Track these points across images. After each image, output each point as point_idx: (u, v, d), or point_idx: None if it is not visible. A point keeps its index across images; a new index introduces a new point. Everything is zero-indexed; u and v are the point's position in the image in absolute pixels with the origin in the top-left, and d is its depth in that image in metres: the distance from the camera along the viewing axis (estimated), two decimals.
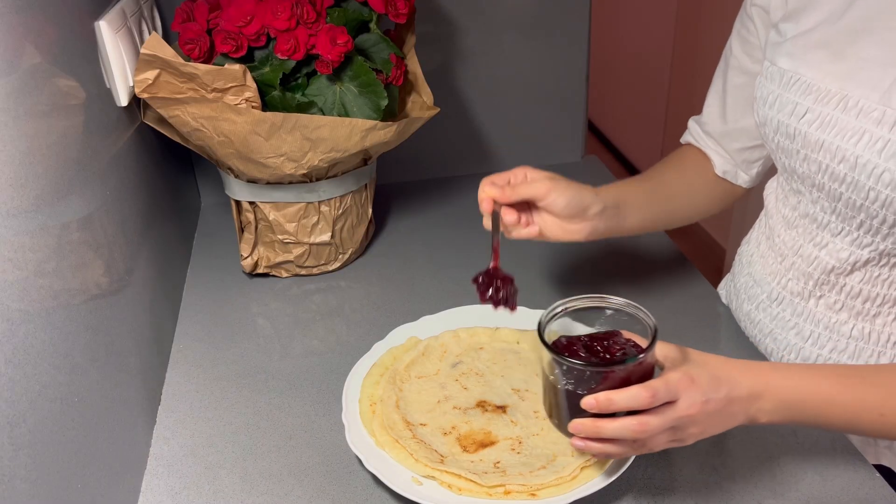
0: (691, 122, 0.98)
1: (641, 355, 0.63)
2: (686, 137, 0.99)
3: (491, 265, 0.78)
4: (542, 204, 0.80)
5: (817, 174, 0.74)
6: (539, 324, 0.68)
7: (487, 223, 0.80)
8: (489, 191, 0.80)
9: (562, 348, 0.66)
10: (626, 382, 0.62)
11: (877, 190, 0.69)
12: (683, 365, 0.63)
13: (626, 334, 0.67)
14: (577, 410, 0.63)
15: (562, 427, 0.67)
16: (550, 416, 0.69)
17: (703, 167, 0.95)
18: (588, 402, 0.62)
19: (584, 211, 0.81)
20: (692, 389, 0.62)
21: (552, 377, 0.66)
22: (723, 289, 1.04)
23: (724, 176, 0.94)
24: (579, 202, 0.80)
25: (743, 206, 2.31)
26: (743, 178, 0.94)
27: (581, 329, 0.71)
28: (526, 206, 0.82)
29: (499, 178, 0.81)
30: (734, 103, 0.90)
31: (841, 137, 0.70)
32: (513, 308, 0.77)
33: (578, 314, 0.71)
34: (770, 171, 0.92)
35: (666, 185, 0.93)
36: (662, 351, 0.65)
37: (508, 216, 0.79)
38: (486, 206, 0.79)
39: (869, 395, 0.66)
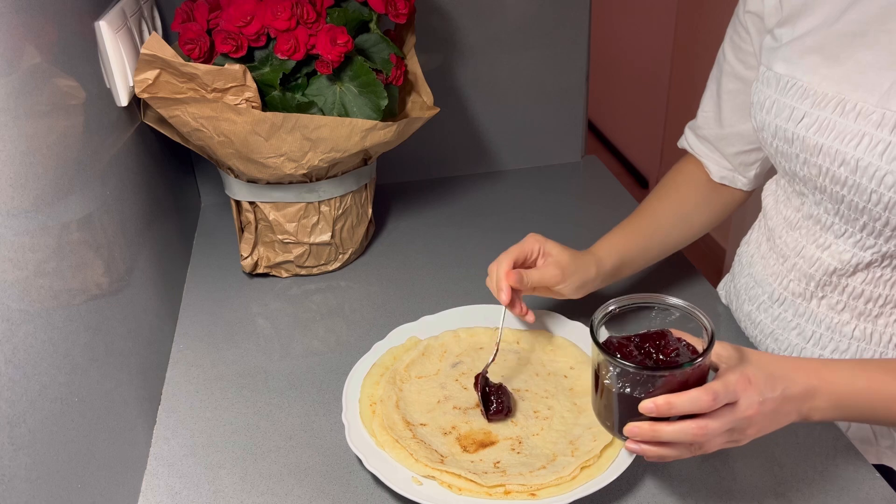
0: (687, 129, 0.98)
1: (700, 359, 0.62)
2: (682, 143, 0.99)
3: (487, 367, 0.82)
4: (553, 288, 0.85)
5: (818, 177, 0.74)
6: (591, 324, 0.66)
7: (503, 299, 0.82)
8: (511, 280, 0.81)
9: (614, 349, 0.64)
10: (683, 385, 0.61)
11: (879, 192, 0.69)
12: (739, 365, 0.63)
13: (677, 333, 0.66)
14: (631, 413, 0.62)
15: (613, 429, 0.66)
16: (600, 417, 0.68)
17: (699, 179, 0.95)
18: (647, 406, 0.61)
19: (586, 287, 0.87)
20: (750, 390, 0.61)
21: (607, 381, 0.64)
22: (722, 289, 1.04)
23: (721, 181, 0.94)
24: (583, 284, 0.86)
25: (742, 207, 2.31)
26: (741, 182, 0.94)
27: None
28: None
29: (519, 254, 0.84)
30: (729, 108, 0.90)
31: (840, 141, 0.70)
32: (508, 414, 0.80)
33: (627, 314, 0.69)
34: (769, 172, 0.92)
35: (662, 224, 0.94)
36: (716, 350, 0.64)
37: (516, 309, 0.84)
38: (504, 298, 0.81)
39: None
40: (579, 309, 0.95)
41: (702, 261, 2.54)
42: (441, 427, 0.79)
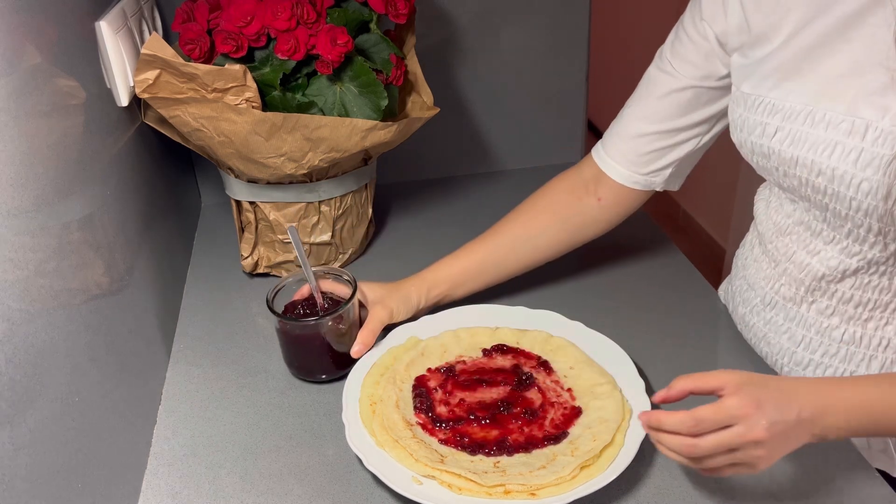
0: (601, 143, 0.96)
1: (318, 317, 0.87)
2: (596, 153, 0.97)
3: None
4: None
5: (800, 188, 0.75)
6: (266, 298, 0.88)
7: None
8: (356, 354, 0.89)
9: (287, 308, 0.91)
10: (335, 331, 0.87)
11: (858, 199, 0.69)
12: (745, 388, 0.63)
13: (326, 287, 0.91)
14: (297, 352, 0.90)
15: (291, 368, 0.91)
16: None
17: (558, 198, 0.96)
18: (641, 418, 0.67)
19: (419, 311, 0.95)
20: (757, 415, 0.62)
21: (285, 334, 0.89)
22: (722, 290, 1.04)
23: (633, 186, 0.93)
24: (409, 311, 0.94)
25: (742, 208, 2.31)
26: (657, 184, 0.93)
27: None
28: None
29: None
30: (643, 110, 0.90)
31: (814, 151, 0.71)
32: None
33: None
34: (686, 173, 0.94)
35: (500, 245, 0.97)
36: (723, 376, 0.65)
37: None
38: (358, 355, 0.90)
39: None
40: (579, 309, 0.95)
41: (702, 261, 2.54)
42: None
